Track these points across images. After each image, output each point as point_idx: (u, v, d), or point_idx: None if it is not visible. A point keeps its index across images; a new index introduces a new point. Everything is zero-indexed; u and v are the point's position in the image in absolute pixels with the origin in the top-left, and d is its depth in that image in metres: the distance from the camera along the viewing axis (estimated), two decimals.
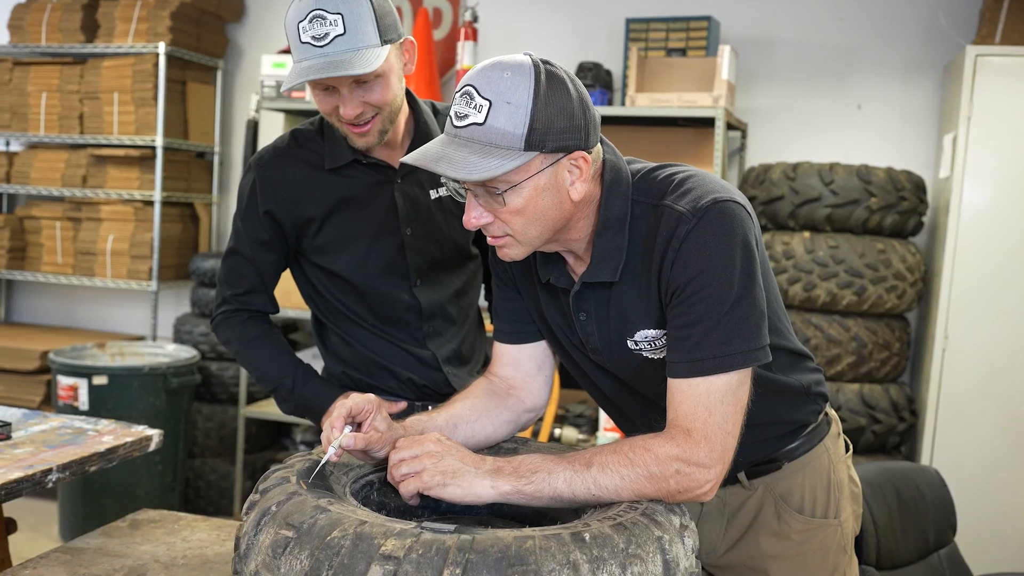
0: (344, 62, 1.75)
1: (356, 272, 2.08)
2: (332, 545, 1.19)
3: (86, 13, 5.15)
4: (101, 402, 4.16)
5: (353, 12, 1.77)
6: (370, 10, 1.78)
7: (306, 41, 1.78)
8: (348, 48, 1.77)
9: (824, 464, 1.75)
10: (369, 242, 2.07)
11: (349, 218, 2.06)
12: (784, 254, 3.88)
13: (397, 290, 2.10)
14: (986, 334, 3.82)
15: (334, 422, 1.50)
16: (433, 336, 2.15)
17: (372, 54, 1.77)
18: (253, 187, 2.06)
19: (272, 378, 2.12)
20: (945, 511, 2.48)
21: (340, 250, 2.07)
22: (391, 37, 1.83)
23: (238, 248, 2.11)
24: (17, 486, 1.89)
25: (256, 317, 2.15)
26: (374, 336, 2.14)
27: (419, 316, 2.13)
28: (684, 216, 1.44)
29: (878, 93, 4.42)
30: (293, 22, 1.80)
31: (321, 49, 1.77)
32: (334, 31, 1.76)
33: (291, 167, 2.05)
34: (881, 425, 3.85)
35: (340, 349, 2.19)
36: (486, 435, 1.70)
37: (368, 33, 1.78)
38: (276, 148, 2.08)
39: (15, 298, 5.94)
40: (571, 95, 1.41)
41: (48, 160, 5.25)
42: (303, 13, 1.78)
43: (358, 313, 2.13)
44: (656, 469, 1.38)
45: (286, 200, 2.04)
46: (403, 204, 2.05)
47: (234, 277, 2.13)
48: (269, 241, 2.08)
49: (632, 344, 1.55)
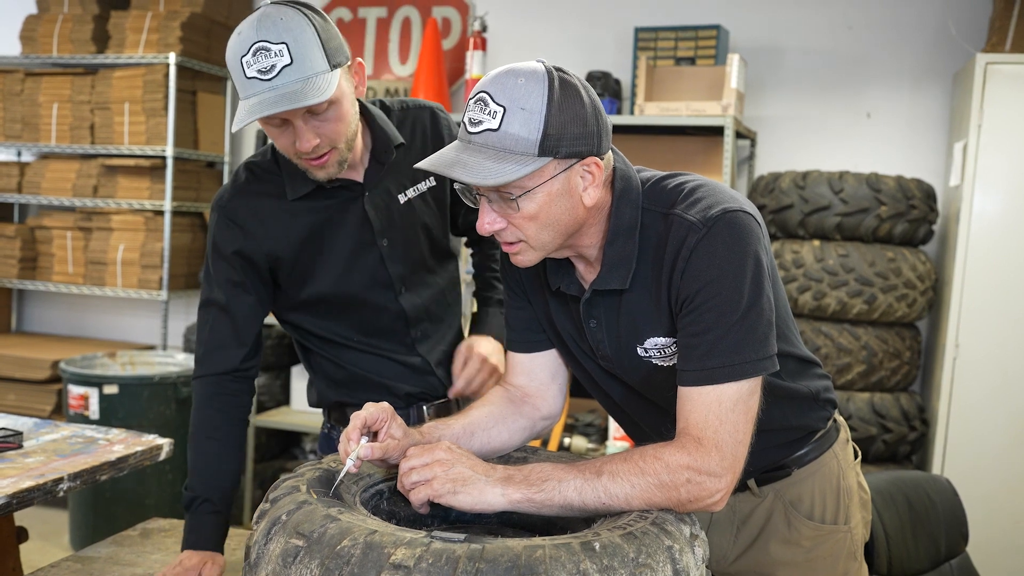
0: (296, 93, 1.67)
1: (338, 292, 2.01)
2: (342, 554, 1.19)
3: (97, 24, 5.18)
4: (112, 411, 4.17)
5: (298, 40, 1.68)
6: (315, 35, 1.70)
7: (252, 76, 1.68)
8: (298, 78, 1.68)
9: (833, 470, 1.75)
10: (348, 260, 1.99)
11: (323, 242, 1.98)
12: (794, 263, 3.87)
13: (382, 301, 2.04)
14: (997, 342, 3.81)
15: (350, 433, 1.50)
16: (422, 340, 2.10)
17: (323, 80, 1.69)
18: (218, 228, 1.96)
19: (194, 479, 1.92)
20: (956, 520, 2.47)
21: (318, 274, 1.99)
22: (339, 61, 1.74)
23: (211, 298, 1.99)
24: (28, 495, 1.90)
25: (219, 399, 1.96)
26: (362, 354, 2.08)
27: (406, 323, 2.07)
28: (694, 226, 1.44)
29: (888, 101, 4.41)
30: (235, 57, 1.70)
31: (269, 82, 1.67)
32: (280, 62, 1.67)
33: (253, 202, 1.95)
34: (892, 434, 3.83)
35: (330, 371, 2.12)
36: (502, 442, 1.70)
37: (316, 59, 1.69)
38: (235, 185, 1.97)
39: (26, 308, 5.97)
40: (584, 101, 1.42)
41: (59, 170, 5.28)
42: (245, 47, 1.68)
43: (342, 333, 2.06)
44: (667, 478, 1.38)
45: (255, 236, 1.94)
46: (376, 216, 1.98)
47: (204, 332, 1.99)
48: (243, 282, 1.96)
49: (642, 351, 1.55)
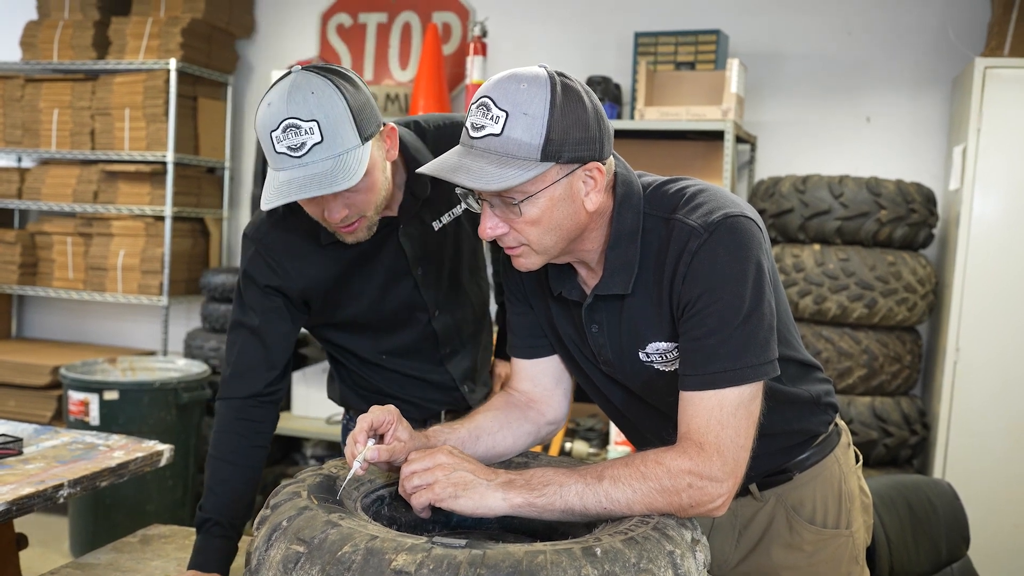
0: (326, 175, 1.61)
1: (371, 317, 2.02)
2: (343, 560, 1.19)
3: (98, 30, 5.19)
4: (112, 417, 4.16)
5: (329, 116, 1.62)
6: (346, 110, 1.63)
7: (281, 152, 1.62)
8: (328, 155, 1.62)
9: (835, 474, 1.75)
10: (381, 290, 1.99)
11: (357, 275, 1.96)
12: (794, 267, 3.87)
13: (415, 324, 2.06)
14: (998, 346, 3.81)
15: (356, 436, 1.50)
16: (450, 357, 2.13)
17: (354, 159, 1.63)
18: (255, 260, 1.92)
19: (208, 499, 1.93)
20: (958, 524, 2.46)
21: (353, 303, 1.99)
22: (370, 132, 1.68)
23: (242, 320, 1.95)
24: (28, 501, 1.90)
25: (242, 423, 1.93)
26: (389, 372, 2.10)
27: (436, 343, 2.10)
28: (695, 230, 1.44)
29: (887, 105, 4.42)
30: (265, 130, 1.64)
31: (299, 160, 1.62)
32: (311, 140, 1.60)
33: (290, 237, 1.91)
34: (893, 438, 3.83)
35: (358, 381, 2.16)
36: (507, 447, 1.70)
37: (347, 136, 1.63)
38: (271, 218, 1.93)
39: (26, 313, 5.97)
40: (586, 106, 1.42)
41: (60, 176, 5.28)
42: (275, 122, 1.62)
43: (370, 352, 2.08)
44: (668, 483, 1.38)
45: (290, 274, 1.92)
46: (411, 248, 1.96)
47: (233, 354, 1.95)
48: (278, 308, 1.94)
49: (643, 356, 1.55)
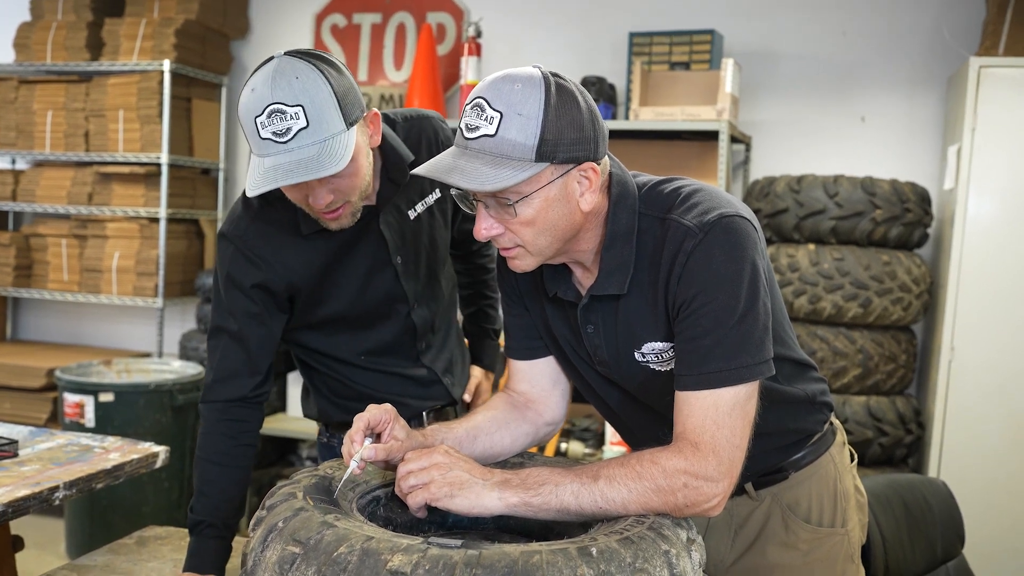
0: (312, 160, 1.61)
1: (352, 311, 2.00)
2: (339, 561, 1.19)
3: (91, 31, 5.18)
4: (107, 419, 4.16)
5: (314, 101, 1.62)
6: (331, 95, 1.64)
7: (266, 137, 1.62)
8: (314, 140, 1.62)
9: (830, 473, 1.75)
10: (363, 280, 1.98)
11: (341, 265, 1.95)
12: (789, 266, 3.88)
13: (395, 317, 2.05)
14: (993, 345, 3.82)
15: (353, 435, 1.50)
16: (426, 351, 2.13)
17: (340, 144, 1.64)
18: (236, 259, 1.89)
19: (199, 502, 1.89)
20: (953, 523, 2.47)
21: (335, 296, 1.97)
22: (355, 117, 1.69)
23: (223, 326, 1.91)
24: (24, 503, 1.90)
25: (227, 424, 1.91)
26: (368, 372, 2.08)
27: (413, 337, 2.09)
28: (691, 230, 1.44)
29: (882, 105, 4.43)
30: (249, 115, 1.63)
31: (284, 145, 1.62)
32: (296, 125, 1.61)
33: (269, 230, 1.89)
34: (888, 437, 3.83)
35: (336, 388, 2.11)
36: (504, 447, 1.70)
37: (333, 121, 1.64)
38: (248, 213, 1.90)
39: (21, 316, 5.96)
40: (581, 107, 1.42)
41: (54, 178, 5.28)
42: (260, 107, 1.62)
43: (348, 352, 2.06)
44: (664, 482, 1.38)
45: (274, 268, 1.89)
46: (390, 235, 1.96)
47: (215, 359, 1.92)
48: (259, 313, 1.91)
49: (639, 356, 1.55)
